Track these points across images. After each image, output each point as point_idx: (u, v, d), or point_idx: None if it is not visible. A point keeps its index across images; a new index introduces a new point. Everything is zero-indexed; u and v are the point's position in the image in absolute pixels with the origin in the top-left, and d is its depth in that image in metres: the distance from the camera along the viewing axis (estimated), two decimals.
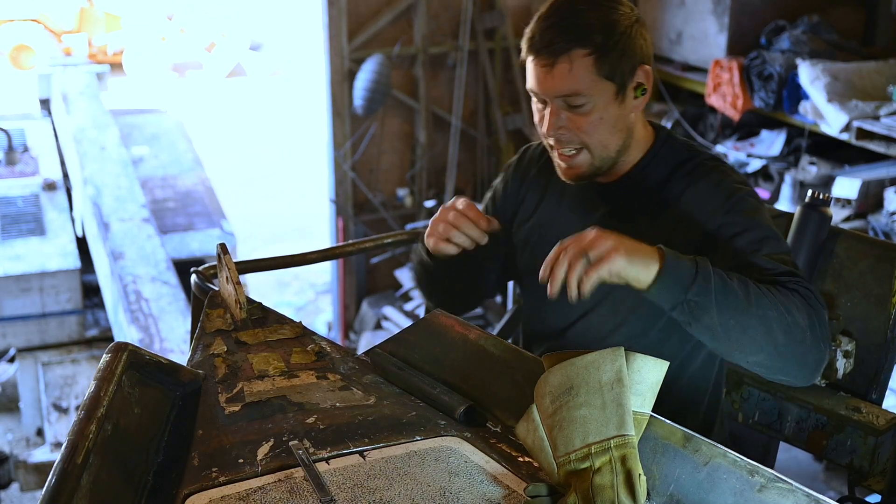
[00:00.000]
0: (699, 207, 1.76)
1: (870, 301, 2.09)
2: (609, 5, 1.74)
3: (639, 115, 1.82)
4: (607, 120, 1.76)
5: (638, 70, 1.76)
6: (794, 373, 1.61)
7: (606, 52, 1.71)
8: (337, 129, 7.21)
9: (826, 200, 2.17)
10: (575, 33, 1.71)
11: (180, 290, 5.51)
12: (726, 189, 1.76)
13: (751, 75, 5.62)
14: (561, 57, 1.71)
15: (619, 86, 1.74)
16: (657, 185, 1.82)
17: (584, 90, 1.72)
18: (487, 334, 1.76)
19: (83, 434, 1.33)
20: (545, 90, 1.75)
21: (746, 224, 1.72)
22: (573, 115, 1.75)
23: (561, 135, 1.78)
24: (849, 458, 2.04)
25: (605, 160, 1.80)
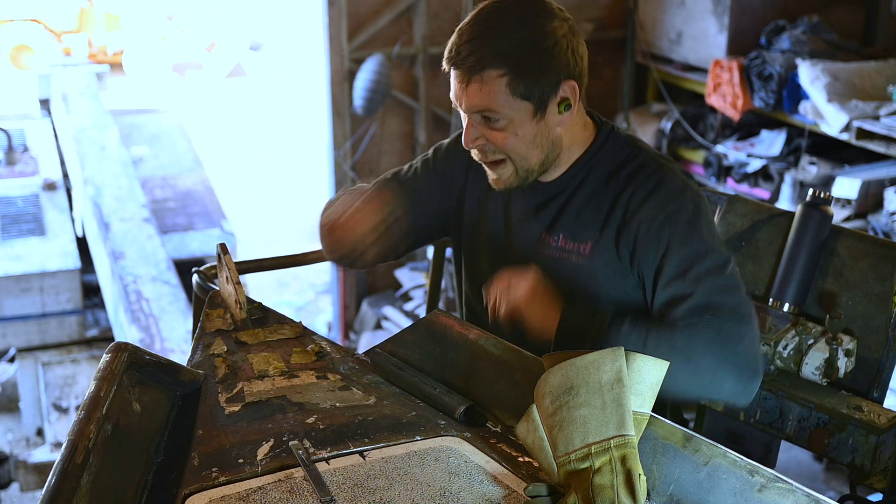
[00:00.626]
0: (636, 215, 1.75)
1: (871, 300, 2.09)
2: (533, 21, 1.68)
3: (572, 121, 1.78)
4: (524, 137, 1.73)
5: (562, 86, 1.71)
6: (719, 401, 1.66)
7: (522, 72, 1.67)
8: (337, 129, 7.21)
9: (827, 199, 2.17)
10: (489, 52, 1.67)
11: (181, 290, 5.51)
12: (663, 198, 1.74)
13: (751, 75, 5.62)
14: (474, 76, 1.68)
15: (537, 104, 1.71)
16: (598, 185, 1.80)
17: (498, 109, 1.70)
18: (487, 334, 1.76)
19: (83, 434, 1.33)
20: (460, 104, 1.74)
21: (673, 242, 1.72)
22: (489, 129, 1.73)
23: (479, 146, 1.77)
24: (850, 456, 2.04)
25: (528, 171, 1.78)
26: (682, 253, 1.72)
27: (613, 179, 1.79)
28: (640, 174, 1.77)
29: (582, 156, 1.82)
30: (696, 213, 1.74)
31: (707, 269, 1.71)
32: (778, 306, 2.19)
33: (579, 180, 1.82)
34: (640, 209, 1.74)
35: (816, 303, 2.18)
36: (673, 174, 1.78)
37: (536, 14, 1.69)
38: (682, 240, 1.72)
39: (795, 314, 2.17)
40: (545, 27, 1.68)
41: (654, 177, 1.77)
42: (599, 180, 1.80)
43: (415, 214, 1.96)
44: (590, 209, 1.80)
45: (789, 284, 2.17)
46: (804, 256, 2.15)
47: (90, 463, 1.31)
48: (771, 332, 2.14)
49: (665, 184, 1.76)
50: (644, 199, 1.75)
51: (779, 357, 2.14)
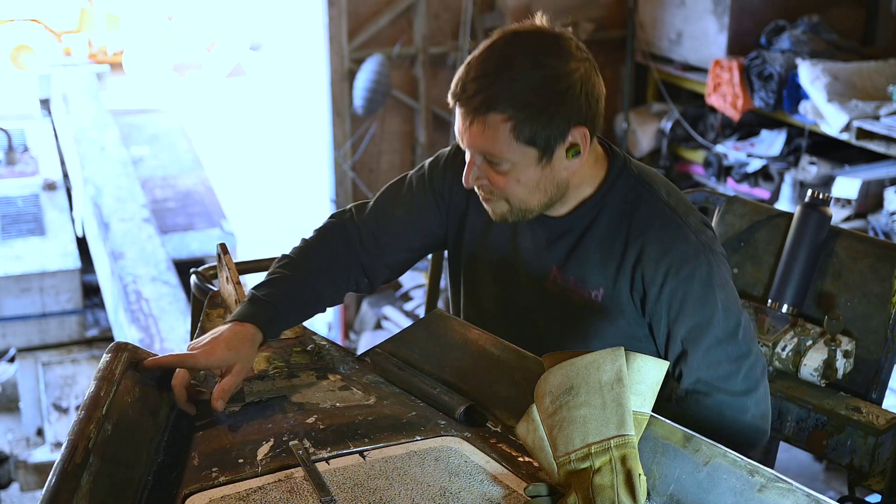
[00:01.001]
0: (649, 273, 1.68)
1: (870, 301, 2.09)
2: (546, 62, 1.58)
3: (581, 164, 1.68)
4: (526, 182, 1.65)
5: (572, 131, 1.62)
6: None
7: (528, 117, 1.58)
8: (337, 129, 7.21)
9: (826, 200, 2.17)
10: (495, 94, 1.57)
11: (180, 290, 5.51)
12: (677, 261, 1.66)
13: (751, 75, 5.62)
14: (477, 116, 1.59)
15: (542, 150, 1.62)
16: (610, 226, 1.72)
17: (500, 153, 1.61)
18: (487, 334, 1.76)
19: (83, 434, 1.33)
20: (463, 143, 1.65)
21: (685, 308, 1.67)
22: (491, 171, 1.65)
23: (480, 185, 1.70)
24: (849, 457, 2.04)
25: (526, 211, 1.70)
26: (692, 320, 1.67)
27: (626, 223, 1.71)
28: (653, 224, 1.69)
29: (593, 194, 1.74)
30: (709, 275, 1.67)
31: (716, 339, 1.68)
32: (776, 307, 2.19)
33: (590, 219, 1.74)
34: (656, 269, 1.67)
35: (815, 304, 2.18)
36: (687, 229, 1.69)
37: (552, 53, 1.59)
38: (693, 307, 1.67)
39: (794, 315, 2.18)
40: (559, 69, 1.58)
41: (669, 232, 1.68)
42: (611, 220, 1.72)
43: (411, 235, 1.90)
44: (601, 253, 1.72)
45: (788, 285, 2.17)
46: (803, 257, 2.15)
47: (90, 463, 1.31)
48: (769, 334, 2.15)
49: (679, 243, 1.67)
50: (658, 258, 1.67)
51: (777, 358, 2.15)
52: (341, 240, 1.88)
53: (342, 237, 1.88)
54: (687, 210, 1.73)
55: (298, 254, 1.86)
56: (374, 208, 1.91)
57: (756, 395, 1.73)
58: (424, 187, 1.89)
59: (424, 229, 1.90)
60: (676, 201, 1.74)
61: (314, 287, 1.82)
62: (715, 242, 1.72)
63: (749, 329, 1.74)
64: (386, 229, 1.88)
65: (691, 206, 1.76)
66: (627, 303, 1.72)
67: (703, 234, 1.70)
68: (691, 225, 1.70)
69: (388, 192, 1.93)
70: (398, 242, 1.90)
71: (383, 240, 1.88)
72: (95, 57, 14.67)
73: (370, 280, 1.91)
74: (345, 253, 1.87)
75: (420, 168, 1.92)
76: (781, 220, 2.24)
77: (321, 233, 1.90)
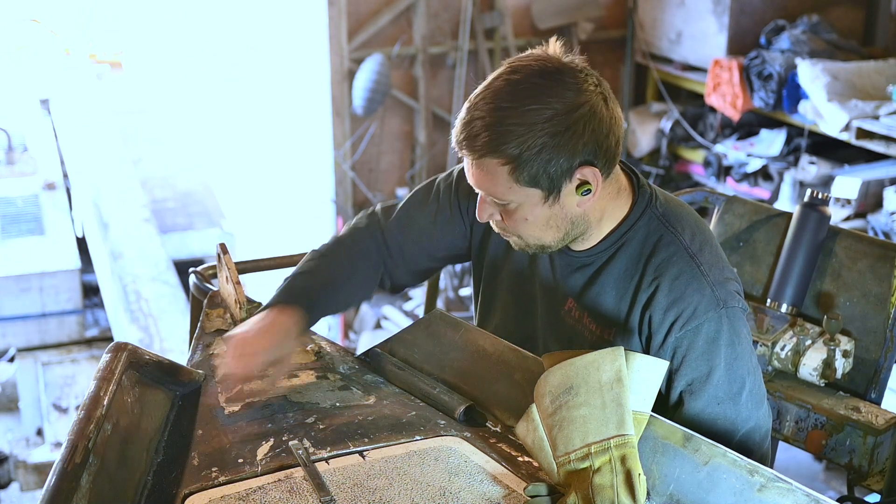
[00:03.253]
0: (656, 317, 1.63)
1: (869, 300, 2.09)
2: (547, 101, 1.51)
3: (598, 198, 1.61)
4: (535, 221, 1.60)
5: (579, 170, 1.55)
6: None
7: (527, 161, 1.51)
8: (337, 129, 7.21)
9: (825, 200, 2.17)
10: (490, 140, 1.51)
11: (180, 290, 5.51)
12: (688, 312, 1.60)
13: (751, 75, 5.62)
14: (475, 160, 1.55)
15: (547, 190, 1.56)
16: (628, 265, 1.67)
17: (502, 196, 1.57)
18: (487, 334, 1.76)
19: (83, 434, 1.33)
20: (471, 182, 1.61)
21: (686, 363, 1.61)
22: (500, 209, 1.61)
23: (493, 221, 1.66)
24: (848, 457, 2.04)
25: (544, 248, 1.66)
26: (692, 375, 1.62)
27: (643, 264, 1.65)
28: (669, 271, 1.62)
29: (616, 229, 1.67)
30: (717, 332, 1.61)
31: (715, 399, 1.62)
32: (776, 307, 2.19)
33: (609, 256, 1.68)
34: (663, 317, 1.62)
35: (814, 303, 2.18)
36: (704, 281, 1.62)
37: (554, 93, 1.52)
38: (695, 361, 1.61)
39: (793, 315, 2.18)
40: (562, 106, 1.51)
41: (683, 281, 1.61)
42: (629, 260, 1.66)
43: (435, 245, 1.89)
44: (616, 292, 1.68)
45: (787, 285, 2.17)
46: (802, 257, 2.15)
47: (90, 463, 1.31)
48: (768, 333, 2.15)
49: (692, 294, 1.61)
50: (667, 307, 1.62)
51: (776, 358, 2.15)
52: (371, 240, 1.88)
53: (372, 238, 1.88)
54: (711, 259, 1.65)
55: (331, 249, 1.87)
56: (399, 214, 1.89)
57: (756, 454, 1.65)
58: (451, 199, 1.86)
59: (448, 241, 1.88)
60: (700, 247, 1.65)
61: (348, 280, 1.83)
62: (734, 298, 1.64)
63: (757, 393, 1.65)
64: (410, 237, 1.87)
65: (718, 252, 1.68)
66: (636, 343, 1.68)
67: (722, 289, 1.62)
68: (710, 277, 1.62)
69: (415, 197, 1.90)
70: (421, 251, 1.89)
71: (407, 247, 1.87)
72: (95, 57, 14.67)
73: (393, 283, 1.92)
74: (374, 252, 1.87)
75: (449, 176, 1.89)
76: (781, 220, 2.24)
77: (352, 231, 1.90)
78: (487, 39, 7.35)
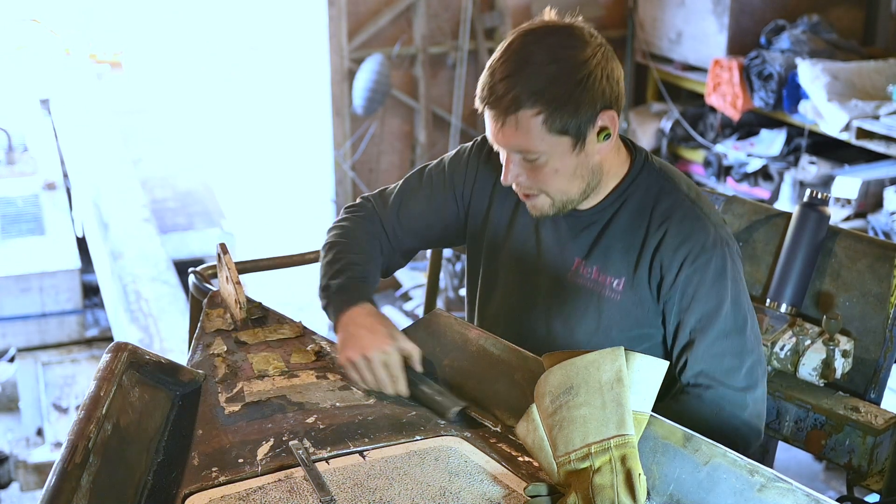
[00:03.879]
0: (667, 261, 1.73)
1: (868, 300, 2.10)
2: (564, 53, 1.64)
3: (610, 148, 1.74)
4: (564, 171, 1.70)
5: (600, 115, 1.67)
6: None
7: (557, 108, 1.63)
8: (337, 129, 7.21)
9: (824, 200, 2.17)
10: (523, 91, 1.62)
11: (180, 290, 5.51)
12: (695, 249, 1.72)
13: (751, 75, 5.62)
14: (509, 115, 1.64)
15: (575, 137, 1.67)
16: (632, 217, 1.78)
17: (535, 148, 1.66)
18: (487, 334, 1.76)
19: (83, 434, 1.33)
20: (498, 143, 1.71)
21: (697, 296, 1.72)
22: (529, 166, 1.70)
23: (519, 183, 1.74)
24: (847, 457, 2.04)
25: (567, 202, 1.76)
26: (703, 309, 1.72)
27: (647, 214, 1.76)
28: (674, 215, 1.75)
29: (619, 185, 1.79)
30: (724, 266, 1.73)
31: (723, 331, 1.72)
32: (775, 307, 2.19)
33: (614, 210, 1.79)
34: (674, 255, 1.72)
35: (814, 303, 2.18)
36: (707, 221, 1.75)
37: (568, 45, 1.64)
38: (706, 295, 1.71)
39: (793, 315, 2.18)
40: (577, 58, 1.63)
41: (688, 222, 1.74)
42: (634, 211, 1.78)
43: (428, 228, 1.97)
44: (623, 243, 1.77)
45: (786, 285, 2.17)
46: (801, 257, 2.15)
47: (90, 463, 1.31)
48: (768, 333, 2.15)
49: (698, 232, 1.73)
50: (676, 246, 1.72)
51: (776, 358, 2.15)
52: (375, 228, 1.97)
53: (374, 225, 1.97)
54: (708, 205, 1.79)
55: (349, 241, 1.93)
56: (394, 201, 1.98)
57: (755, 394, 1.76)
58: (444, 182, 1.95)
59: (441, 225, 1.96)
60: (696, 195, 1.80)
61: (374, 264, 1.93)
62: (732, 240, 1.78)
63: (756, 330, 1.77)
64: (405, 223, 1.96)
65: (711, 202, 1.82)
66: (645, 290, 1.77)
67: (722, 229, 1.76)
68: (711, 218, 1.76)
69: (407, 185, 1.99)
70: (415, 236, 1.98)
71: (402, 233, 1.97)
72: (95, 57, 14.67)
73: (388, 267, 2.01)
74: (379, 235, 1.96)
75: (440, 162, 1.98)
76: (780, 220, 2.24)
77: (357, 221, 1.97)
78: (487, 39, 7.35)
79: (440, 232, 1.98)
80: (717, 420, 1.72)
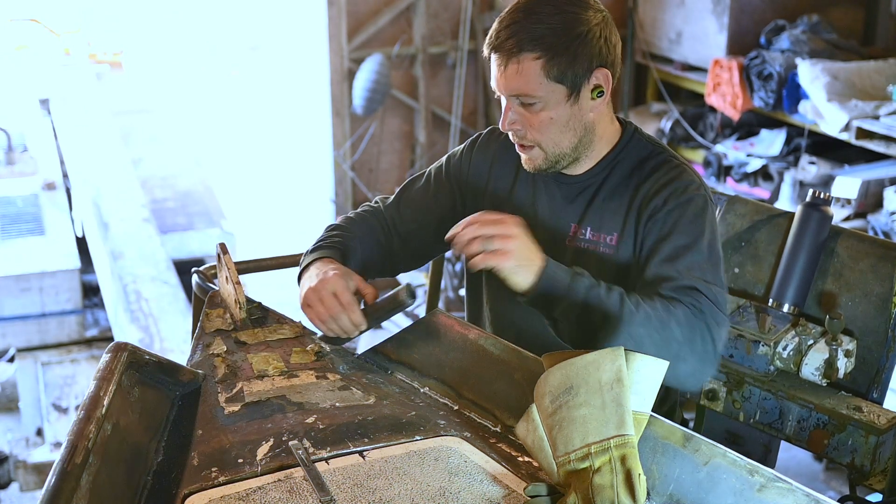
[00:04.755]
0: (651, 201, 1.84)
1: (871, 300, 2.09)
2: (569, 10, 1.78)
3: (603, 112, 1.87)
4: (558, 120, 1.82)
5: (595, 73, 1.80)
6: (670, 380, 1.65)
7: (555, 55, 1.76)
8: (337, 129, 7.21)
9: (827, 200, 2.17)
10: (526, 37, 1.76)
11: (180, 290, 5.51)
12: (678, 189, 1.83)
13: (750, 75, 5.62)
14: (511, 59, 1.78)
15: (570, 88, 1.80)
16: (622, 179, 1.90)
17: (533, 91, 1.79)
18: (487, 334, 1.76)
19: (83, 434, 1.33)
20: (499, 87, 1.83)
21: (677, 228, 1.80)
22: (526, 112, 1.83)
23: (515, 130, 1.86)
24: (850, 457, 2.04)
25: (559, 156, 1.87)
26: (681, 240, 1.79)
27: (636, 173, 1.89)
28: (661, 169, 1.88)
29: (609, 152, 1.92)
30: (703, 209, 1.83)
31: (699, 263, 1.78)
32: (777, 307, 2.19)
33: (605, 174, 1.91)
34: (658, 195, 1.84)
35: (816, 303, 2.18)
36: (692, 172, 1.89)
37: (571, 3, 1.79)
38: (685, 229, 1.80)
39: (795, 315, 2.18)
40: (579, 15, 1.77)
41: (673, 171, 1.87)
42: (623, 174, 1.90)
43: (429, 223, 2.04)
44: (614, 201, 1.89)
45: (789, 285, 2.17)
46: (804, 257, 2.15)
47: (90, 463, 1.31)
48: (770, 333, 2.15)
49: (681, 177, 1.86)
50: (660, 188, 1.84)
51: (778, 357, 2.15)
52: (375, 218, 2.07)
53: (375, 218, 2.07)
54: (691, 168, 1.92)
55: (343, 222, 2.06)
56: (396, 197, 2.09)
57: (723, 323, 1.75)
58: (441, 175, 2.07)
59: (440, 213, 2.04)
60: (682, 161, 1.93)
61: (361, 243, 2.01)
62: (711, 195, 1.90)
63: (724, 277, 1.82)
64: (402, 209, 2.06)
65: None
66: (631, 240, 1.86)
67: (704, 188, 1.87)
68: (695, 178, 1.88)
69: (409, 183, 2.11)
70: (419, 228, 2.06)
71: (405, 225, 2.06)
72: (95, 57, 14.67)
73: (393, 264, 2.08)
74: (379, 230, 2.05)
75: (439, 162, 2.12)
76: (782, 220, 2.24)
77: (361, 214, 2.08)
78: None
79: (438, 218, 2.03)
80: (692, 323, 1.70)
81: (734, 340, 2.19)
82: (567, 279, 1.69)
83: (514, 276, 1.69)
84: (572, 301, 1.68)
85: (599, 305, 1.68)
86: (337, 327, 1.80)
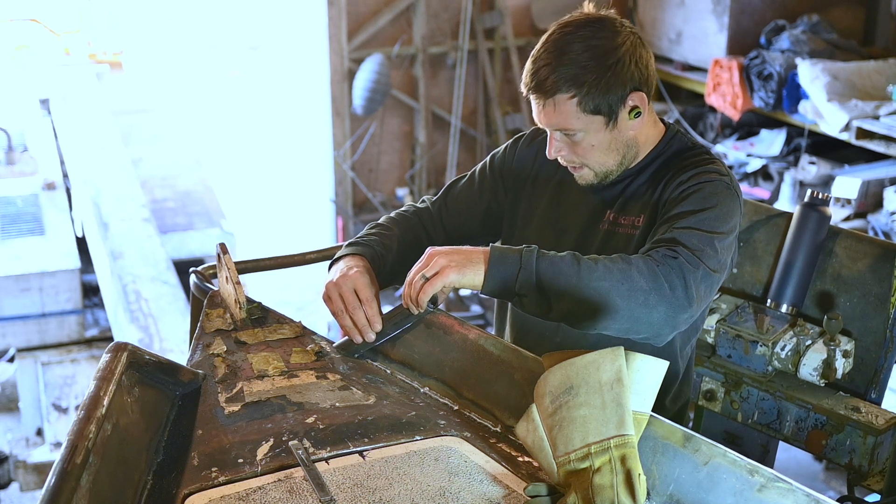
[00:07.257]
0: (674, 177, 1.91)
1: (869, 300, 2.10)
2: (598, 43, 1.83)
3: (644, 123, 1.92)
4: (599, 146, 1.90)
5: (630, 96, 1.86)
6: (644, 331, 1.74)
7: (589, 91, 1.83)
8: (337, 129, 7.21)
9: (825, 200, 2.17)
10: (559, 78, 1.83)
11: (180, 290, 5.51)
12: (701, 170, 1.88)
13: (750, 75, 5.63)
14: (547, 99, 1.85)
15: (607, 116, 1.87)
16: (661, 167, 1.96)
17: (571, 126, 1.87)
18: (487, 334, 1.76)
19: (83, 434, 1.33)
20: (541, 123, 1.92)
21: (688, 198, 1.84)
22: (569, 141, 1.91)
23: (562, 156, 1.94)
24: (848, 457, 2.04)
25: (607, 173, 1.95)
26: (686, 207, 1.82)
27: (671, 164, 1.96)
28: (693, 158, 1.94)
29: (651, 150, 1.98)
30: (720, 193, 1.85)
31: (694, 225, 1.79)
32: (776, 307, 2.19)
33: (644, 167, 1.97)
34: (681, 173, 1.90)
35: (814, 303, 2.18)
36: (722, 166, 1.94)
37: (600, 36, 1.84)
38: (695, 200, 1.83)
39: (793, 315, 2.18)
40: (608, 46, 1.83)
41: (704, 159, 1.92)
42: (663, 164, 1.97)
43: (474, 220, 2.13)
44: (650, 186, 1.95)
45: (787, 285, 2.17)
46: (802, 257, 2.15)
47: (90, 463, 1.31)
48: (769, 333, 2.15)
49: (709, 164, 1.91)
50: (686, 168, 1.91)
51: (777, 358, 2.15)
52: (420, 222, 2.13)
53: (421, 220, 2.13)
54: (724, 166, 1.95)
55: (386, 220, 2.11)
56: (442, 196, 2.16)
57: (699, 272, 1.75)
58: (486, 170, 2.15)
59: (484, 204, 2.13)
60: (717, 158, 1.97)
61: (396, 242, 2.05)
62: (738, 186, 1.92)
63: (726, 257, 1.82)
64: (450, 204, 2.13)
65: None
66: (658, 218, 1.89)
67: (732, 181, 1.90)
68: (724, 170, 1.92)
69: (453, 182, 2.18)
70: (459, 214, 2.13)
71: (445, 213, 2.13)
72: (95, 57, 14.67)
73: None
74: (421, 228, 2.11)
75: (482, 163, 2.19)
76: (781, 220, 2.25)
77: (403, 213, 2.14)
78: (487, 39, 7.35)
79: (483, 210, 2.12)
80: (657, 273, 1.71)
81: (732, 341, 2.19)
82: (516, 254, 1.74)
83: (465, 279, 1.74)
84: (528, 271, 1.72)
85: (554, 267, 1.71)
86: (351, 322, 1.84)
